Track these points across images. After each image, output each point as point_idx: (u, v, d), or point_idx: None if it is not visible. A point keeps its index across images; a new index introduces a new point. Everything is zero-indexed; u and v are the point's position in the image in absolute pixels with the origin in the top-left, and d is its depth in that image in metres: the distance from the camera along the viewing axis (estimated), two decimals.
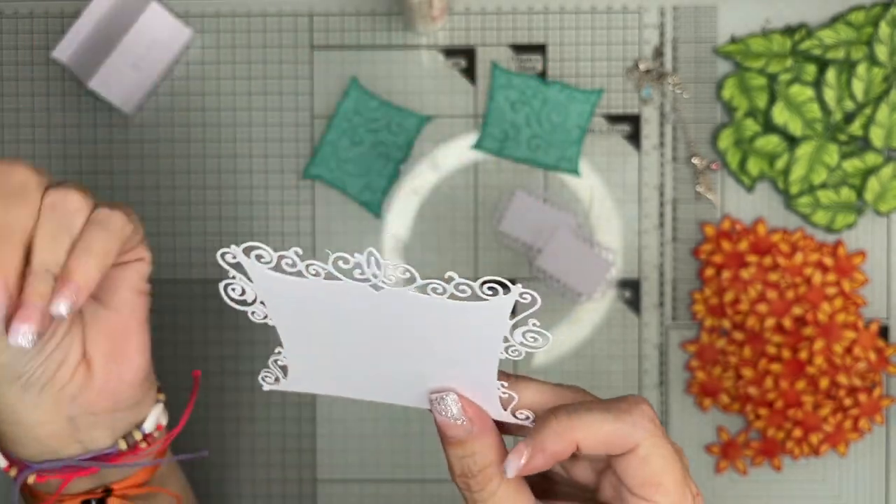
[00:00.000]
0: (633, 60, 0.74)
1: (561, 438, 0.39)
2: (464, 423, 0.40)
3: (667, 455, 0.40)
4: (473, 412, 0.40)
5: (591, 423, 0.39)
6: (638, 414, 0.40)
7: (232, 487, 0.75)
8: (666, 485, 0.40)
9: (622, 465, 0.40)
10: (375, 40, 0.74)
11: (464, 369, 0.40)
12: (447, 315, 0.38)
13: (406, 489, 0.75)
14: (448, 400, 0.40)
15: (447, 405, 0.40)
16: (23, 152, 0.75)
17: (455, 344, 0.39)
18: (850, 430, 0.73)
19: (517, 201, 0.74)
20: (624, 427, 0.39)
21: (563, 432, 0.39)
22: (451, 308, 0.38)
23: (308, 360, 0.42)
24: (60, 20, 0.75)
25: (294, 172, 0.75)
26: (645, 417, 0.40)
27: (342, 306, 0.39)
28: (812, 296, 0.72)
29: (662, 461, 0.40)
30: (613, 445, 0.40)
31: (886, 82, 0.72)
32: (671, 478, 0.40)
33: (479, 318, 0.38)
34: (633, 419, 0.40)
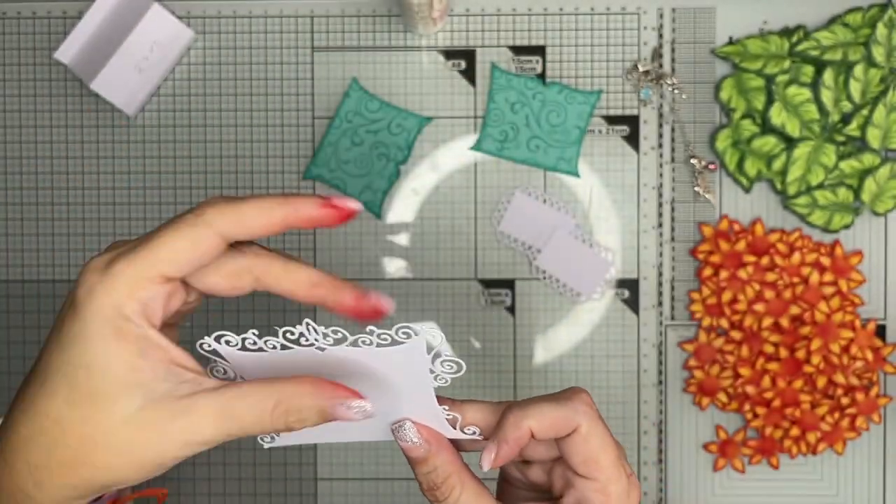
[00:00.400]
0: (631, 62, 0.74)
1: (517, 427, 0.45)
2: (421, 445, 0.46)
3: (603, 435, 0.46)
4: (428, 434, 0.47)
5: (540, 411, 0.46)
6: (578, 400, 0.46)
7: (233, 485, 0.76)
8: (602, 461, 0.46)
9: (567, 447, 0.46)
10: (376, 42, 0.75)
11: (411, 401, 0.46)
12: (380, 360, 0.44)
13: (405, 487, 0.76)
14: (405, 427, 0.47)
15: (405, 432, 0.47)
16: (25, 153, 0.75)
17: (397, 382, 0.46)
18: (847, 429, 0.74)
19: (517, 202, 0.74)
20: (567, 411, 0.46)
21: (518, 422, 0.45)
22: (381, 354, 0.44)
23: None
24: (63, 21, 0.75)
25: (295, 173, 0.75)
26: (584, 403, 0.46)
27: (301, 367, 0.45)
28: (809, 295, 0.73)
29: (599, 440, 0.46)
30: (559, 428, 0.46)
31: (883, 83, 0.72)
32: (607, 455, 0.46)
33: (404, 358, 0.44)
34: (574, 405, 0.46)
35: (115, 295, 0.41)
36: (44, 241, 0.75)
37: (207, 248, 0.42)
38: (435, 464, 0.47)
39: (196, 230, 0.42)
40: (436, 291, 0.75)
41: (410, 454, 0.47)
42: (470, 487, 0.47)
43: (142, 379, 0.41)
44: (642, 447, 0.75)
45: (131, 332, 0.41)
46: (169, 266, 0.42)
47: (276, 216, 0.43)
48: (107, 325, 0.41)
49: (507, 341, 0.75)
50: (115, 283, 0.41)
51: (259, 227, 0.43)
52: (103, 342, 0.41)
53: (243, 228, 0.43)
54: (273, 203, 0.43)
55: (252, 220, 0.43)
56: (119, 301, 0.41)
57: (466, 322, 0.75)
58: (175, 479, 0.75)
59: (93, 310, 0.41)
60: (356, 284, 0.46)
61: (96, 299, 0.41)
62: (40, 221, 0.75)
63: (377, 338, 0.43)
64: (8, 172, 0.75)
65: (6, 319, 0.75)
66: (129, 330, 0.41)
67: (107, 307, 0.41)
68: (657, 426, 0.75)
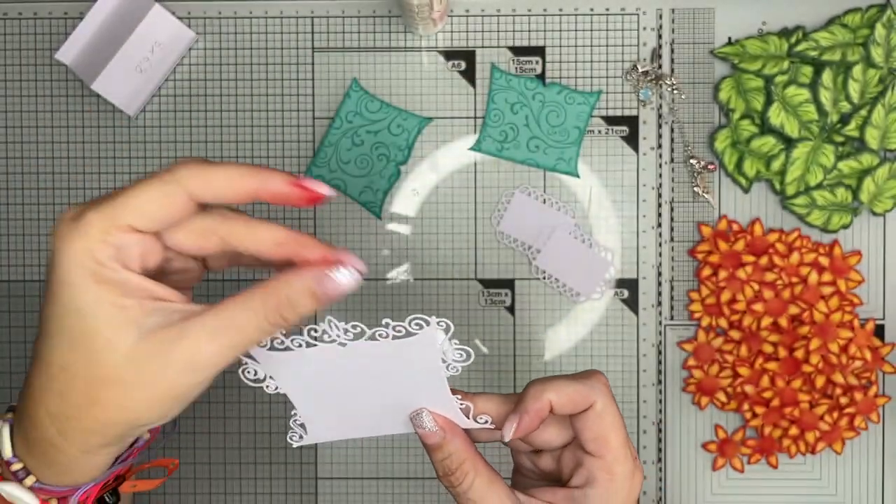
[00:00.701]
0: (630, 62, 0.75)
1: (538, 399, 0.49)
2: (437, 432, 0.50)
3: (615, 415, 0.49)
4: (443, 422, 0.50)
5: (560, 385, 0.49)
6: (596, 380, 0.50)
7: (234, 484, 0.76)
8: (612, 440, 0.49)
9: (581, 422, 0.50)
10: (376, 42, 0.75)
11: (426, 392, 0.49)
12: (396, 352, 0.47)
13: (405, 486, 0.76)
14: (422, 415, 0.50)
15: (422, 420, 0.50)
16: (26, 153, 0.75)
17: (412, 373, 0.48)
18: (846, 429, 0.74)
19: (516, 202, 0.74)
20: (584, 388, 0.49)
21: (538, 394, 0.49)
22: (396, 346, 0.46)
23: (317, 415, 0.51)
24: (64, 22, 0.75)
25: (295, 173, 0.75)
26: (601, 383, 0.50)
27: (326, 365, 0.48)
28: (808, 295, 0.73)
29: (612, 419, 0.49)
30: (577, 403, 0.49)
31: (882, 84, 0.72)
32: (616, 435, 0.49)
33: (418, 348, 0.47)
34: (591, 382, 0.49)
35: (86, 240, 0.42)
36: (45, 241, 0.75)
37: (175, 205, 0.43)
38: (449, 450, 0.49)
39: (166, 186, 0.43)
40: (436, 291, 0.75)
41: (427, 441, 0.50)
42: (483, 474, 0.49)
43: (131, 316, 0.42)
44: (641, 447, 0.75)
45: (109, 276, 0.42)
46: (137, 217, 0.43)
47: (244, 185, 0.44)
48: (83, 270, 0.42)
49: (507, 341, 0.75)
50: (86, 229, 0.42)
51: (227, 192, 0.44)
52: (85, 286, 0.42)
53: (211, 191, 0.44)
54: (244, 171, 0.44)
55: (221, 184, 0.44)
56: (91, 246, 0.42)
57: (466, 322, 0.75)
58: (176, 478, 0.76)
59: (68, 256, 0.42)
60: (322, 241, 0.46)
61: (70, 246, 0.42)
62: (41, 222, 0.75)
63: (393, 330, 0.46)
64: (9, 172, 0.75)
65: (7, 319, 0.75)
66: (106, 274, 0.42)
67: (80, 252, 0.42)
68: (656, 425, 0.75)
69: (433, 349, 0.47)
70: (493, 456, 0.74)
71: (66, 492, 0.47)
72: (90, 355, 0.42)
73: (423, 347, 0.47)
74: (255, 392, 0.75)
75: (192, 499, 0.76)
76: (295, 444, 0.52)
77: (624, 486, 0.50)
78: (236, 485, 0.76)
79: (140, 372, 0.42)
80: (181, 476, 0.76)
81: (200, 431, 0.75)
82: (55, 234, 0.43)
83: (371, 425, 0.52)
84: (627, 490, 0.50)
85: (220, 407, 0.75)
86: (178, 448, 0.76)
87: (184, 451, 0.76)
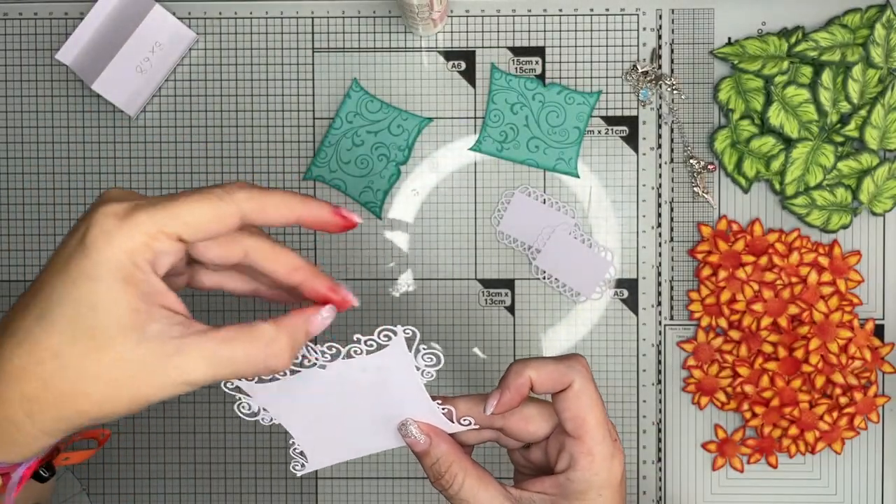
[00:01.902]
0: (630, 63, 0.75)
1: (519, 375, 0.51)
2: (423, 439, 0.52)
3: (592, 395, 0.51)
4: (427, 429, 0.52)
5: (539, 364, 0.51)
6: (575, 360, 0.52)
7: (234, 484, 0.76)
8: (589, 420, 0.51)
9: (560, 402, 0.51)
10: (376, 43, 0.75)
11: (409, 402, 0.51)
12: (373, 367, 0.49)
13: (405, 486, 0.76)
14: (408, 425, 0.52)
15: (409, 429, 0.52)
16: (27, 153, 0.75)
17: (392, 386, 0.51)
18: (845, 429, 0.74)
19: (516, 202, 0.74)
20: (563, 367, 0.51)
21: (520, 371, 0.51)
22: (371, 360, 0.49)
23: (315, 441, 0.53)
24: (64, 22, 0.75)
25: (295, 173, 0.75)
26: (580, 364, 0.52)
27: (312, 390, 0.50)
28: (808, 295, 0.73)
29: (589, 399, 0.51)
30: (556, 381, 0.51)
31: (881, 84, 0.72)
32: (594, 415, 0.51)
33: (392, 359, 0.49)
34: (571, 363, 0.51)
35: (130, 243, 0.43)
36: (45, 241, 0.75)
37: (226, 224, 0.45)
38: (436, 455, 0.52)
39: (223, 205, 0.44)
40: (436, 291, 0.75)
41: (414, 449, 0.52)
42: (472, 474, 0.51)
43: (140, 320, 0.43)
44: (641, 446, 0.75)
45: (139, 279, 0.43)
46: (187, 228, 0.44)
47: (293, 212, 0.46)
48: (118, 270, 0.42)
49: (507, 341, 0.75)
50: (133, 232, 0.42)
51: (277, 217, 0.46)
52: (113, 284, 0.42)
53: (263, 216, 0.46)
54: (294, 200, 0.46)
55: (273, 211, 0.46)
56: (134, 248, 0.43)
57: (466, 322, 0.75)
58: (177, 478, 0.76)
59: (107, 253, 0.42)
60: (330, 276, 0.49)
61: (112, 244, 0.42)
62: (42, 222, 0.75)
63: (364, 345, 0.48)
64: (10, 172, 0.75)
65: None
66: (138, 277, 0.43)
67: (121, 252, 0.42)
68: (656, 425, 0.75)
69: (405, 357, 0.49)
70: (493, 456, 0.74)
71: (10, 468, 0.47)
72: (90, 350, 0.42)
73: (396, 358, 0.49)
74: None
75: (192, 498, 0.76)
76: (299, 473, 0.54)
77: (604, 467, 0.51)
78: (237, 484, 0.76)
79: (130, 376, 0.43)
80: (181, 476, 0.76)
81: (201, 431, 0.76)
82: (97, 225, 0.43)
83: (367, 444, 0.54)
84: (608, 471, 0.51)
85: (220, 407, 0.76)
86: (178, 448, 0.76)
87: (184, 451, 0.76)
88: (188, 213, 0.44)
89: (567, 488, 0.52)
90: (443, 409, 0.52)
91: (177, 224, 0.44)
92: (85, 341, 0.42)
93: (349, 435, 0.53)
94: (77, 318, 0.42)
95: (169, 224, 0.43)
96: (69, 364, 0.43)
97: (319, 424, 0.52)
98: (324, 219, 0.47)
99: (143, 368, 0.43)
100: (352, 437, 0.53)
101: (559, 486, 0.52)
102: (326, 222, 0.48)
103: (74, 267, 0.43)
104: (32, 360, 0.43)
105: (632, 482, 0.75)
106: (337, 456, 0.54)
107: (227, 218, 0.45)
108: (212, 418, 0.76)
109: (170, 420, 0.76)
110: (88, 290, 0.42)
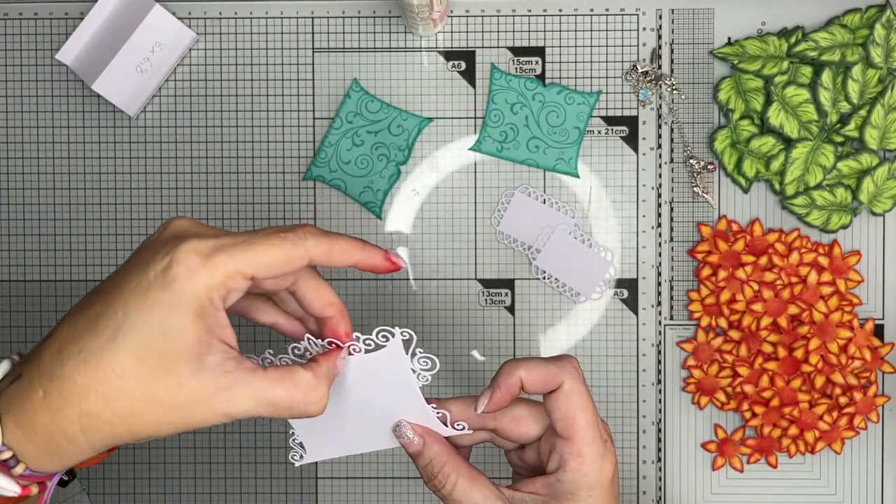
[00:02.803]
0: (630, 63, 0.75)
1: (510, 375, 0.52)
2: (416, 440, 0.53)
3: (583, 396, 0.52)
4: (421, 430, 0.53)
5: (530, 365, 0.52)
6: (565, 361, 0.53)
7: (234, 484, 0.76)
8: (579, 421, 0.52)
9: (551, 403, 0.52)
10: (376, 43, 0.75)
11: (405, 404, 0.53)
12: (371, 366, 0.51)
13: (405, 486, 0.76)
14: (402, 426, 0.53)
15: (402, 430, 0.53)
16: (27, 153, 0.75)
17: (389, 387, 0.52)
18: (845, 428, 0.74)
19: (516, 202, 0.74)
20: (554, 367, 0.52)
21: (511, 371, 0.52)
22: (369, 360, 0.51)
23: (313, 434, 0.55)
24: (64, 22, 0.75)
25: (295, 174, 0.75)
26: (571, 365, 0.53)
27: None
28: (808, 295, 0.73)
29: (579, 400, 0.52)
30: (546, 382, 0.52)
31: (881, 84, 0.73)
32: (584, 415, 0.52)
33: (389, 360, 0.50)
34: (562, 364, 0.52)
35: (211, 281, 0.46)
36: (45, 241, 0.76)
37: (296, 266, 0.48)
38: (430, 456, 0.53)
39: (295, 249, 0.48)
40: (436, 291, 0.75)
41: (408, 449, 0.53)
42: (465, 475, 0.53)
43: (202, 350, 0.46)
44: (641, 446, 0.75)
45: (210, 313, 0.46)
46: (261, 270, 0.47)
47: (353, 257, 0.50)
48: (195, 303, 0.45)
49: (507, 341, 0.75)
50: (215, 272, 0.46)
51: (340, 262, 0.50)
52: (187, 315, 0.45)
53: (328, 259, 0.49)
54: (356, 247, 0.50)
55: (338, 256, 0.50)
56: (213, 286, 0.46)
57: (466, 322, 0.75)
58: (177, 478, 0.76)
59: (189, 288, 0.45)
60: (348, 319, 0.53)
61: (195, 280, 0.46)
62: (42, 222, 0.75)
63: (363, 343, 0.50)
64: (10, 173, 0.75)
65: (8, 319, 0.76)
66: (210, 311, 0.46)
67: (201, 289, 0.46)
68: (656, 425, 0.75)
69: (401, 359, 0.50)
70: (492, 457, 0.74)
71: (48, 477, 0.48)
72: (155, 373, 0.45)
73: (393, 359, 0.50)
74: None
75: (192, 498, 0.76)
76: (297, 463, 0.55)
77: (594, 468, 0.52)
78: (237, 484, 0.76)
79: (186, 401, 0.46)
80: (181, 476, 0.76)
81: (201, 431, 0.76)
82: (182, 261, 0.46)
83: (362, 442, 0.55)
84: (598, 471, 0.52)
85: None
86: (178, 448, 0.76)
87: (184, 451, 0.76)
88: (265, 256, 0.47)
89: (557, 489, 0.52)
90: (438, 412, 0.53)
91: (253, 266, 0.47)
92: (150, 364, 0.45)
93: (345, 432, 0.54)
94: (149, 343, 0.45)
95: (246, 266, 0.47)
96: (132, 385, 0.45)
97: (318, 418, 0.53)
98: (376, 263, 0.51)
99: (197, 396, 0.46)
100: (348, 434, 0.54)
101: (550, 487, 0.53)
102: (377, 266, 0.52)
103: (154, 297, 0.45)
104: (97, 378, 0.45)
105: (631, 482, 0.75)
106: (333, 451, 0.55)
107: (298, 261, 0.48)
108: None
109: None
110: (164, 318, 0.45)
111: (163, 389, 0.45)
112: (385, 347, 0.50)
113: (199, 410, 0.46)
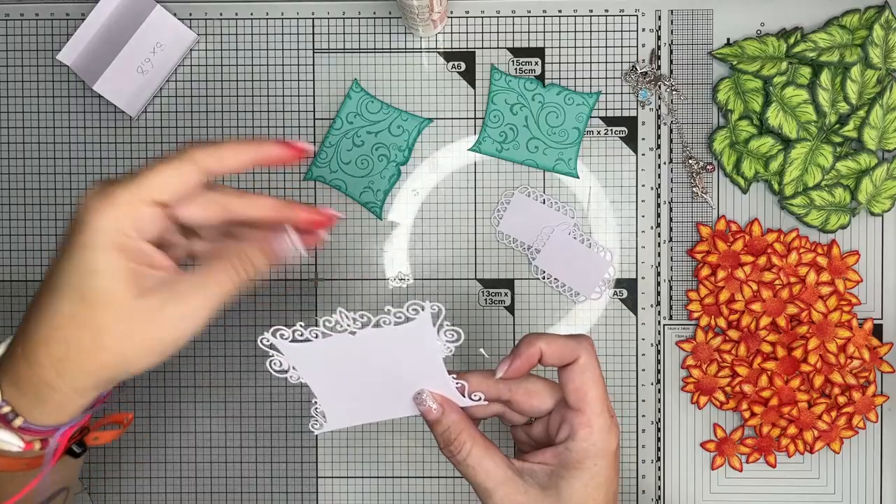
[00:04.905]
0: (629, 63, 0.75)
1: (531, 345, 0.55)
2: (436, 408, 0.56)
3: (596, 372, 0.55)
4: (440, 399, 0.56)
5: (550, 338, 0.55)
6: (583, 338, 0.56)
7: (235, 483, 0.76)
8: (591, 394, 0.55)
9: (566, 375, 0.55)
10: (376, 44, 0.75)
11: (427, 374, 0.55)
12: (399, 338, 0.52)
13: (405, 486, 0.76)
14: (423, 394, 0.56)
15: (423, 398, 0.56)
16: (28, 154, 0.76)
17: (413, 358, 0.54)
18: (844, 428, 0.74)
19: (516, 202, 0.75)
20: (572, 342, 0.55)
21: (532, 341, 0.55)
22: (398, 332, 0.52)
23: (335, 402, 0.57)
24: (66, 23, 0.75)
25: (296, 174, 0.75)
26: (588, 342, 0.56)
27: (340, 354, 0.54)
28: (806, 295, 0.73)
29: (592, 374, 0.55)
30: (564, 354, 0.55)
31: (880, 84, 0.73)
32: (595, 390, 0.55)
33: (416, 333, 0.52)
34: (579, 339, 0.55)
35: (115, 213, 0.49)
36: (46, 241, 0.76)
37: (190, 181, 0.51)
38: (447, 423, 0.56)
39: (184, 165, 0.51)
40: (436, 291, 0.75)
41: (428, 417, 0.56)
42: (479, 443, 0.55)
43: (136, 278, 0.50)
44: (640, 445, 0.75)
45: (128, 244, 0.50)
46: (159, 192, 0.50)
47: (247, 154, 0.53)
48: (109, 238, 0.49)
49: (507, 341, 0.75)
50: (115, 203, 0.49)
51: (235, 164, 0.52)
52: (107, 251, 0.49)
53: (221, 164, 0.52)
54: (244, 144, 0.53)
55: (229, 159, 0.52)
56: (120, 217, 0.49)
57: (466, 322, 0.75)
58: (177, 477, 0.76)
59: (97, 226, 0.49)
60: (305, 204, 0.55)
61: (100, 217, 0.49)
62: (42, 222, 0.76)
63: (394, 316, 0.52)
64: (11, 173, 0.76)
65: (9, 319, 0.76)
66: (127, 242, 0.50)
67: (110, 222, 0.49)
68: (655, 425, 0.75)
69: (429, 332, 0.52)
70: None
71: (48, 432, 0.52)
72: (99, 308, 0.49)
73: (421, 331, 0.52)
74: (257, 393, 0.75)
75: (192, 498, 0.76)
76: (316, 431, 0.57)
77: (601, 438, 0.55)
78: (237, 484, 0.76)
79: (138, 326, 0.50)
80: (181, 475, 0.76)
81: (201, 431, 0.76)
82: (85, 205, 0.50)
83: (383, 409, 0.57)
84: (604, 441, 0.55)
85: (220, 407, 0.76)
86: (178, 447, 0.76)
87: (184, 451, 0.76)
88: (156, 179, 0.50)
89: (566, 457, 0.55)
90: (457, 383, 0.56)
91: (149, 190, 0.50)
92: (94, 301, 0.49)
93: (367, 400, 0.57)
94: (84, 283, 0.49)
95: (143, 192, 0.50)
96: (84, 323, 0.49)
97: (341, 387, 0.55)
98: (275, 153, 0.54)
99: (148, 316, 0.50)
100: (370, 402, 0.57)
101: (558, 456, 0.55)
102: (279, 156, 0.54)
103: (73, 242, 0.49)
104: (53, 325, 0.50)
105: (631, 481, 0.75)
106: (354, 418, 0.58)
107: (190, 175, 0.51)
108: (212, 418, 0.76)
109: (170, 420, 0.76)
110: (89, 259, 0.49)
111: (112, 320, 0.49)
112: (415, 320, 0.52)
113: (158, 326, 0.50)
